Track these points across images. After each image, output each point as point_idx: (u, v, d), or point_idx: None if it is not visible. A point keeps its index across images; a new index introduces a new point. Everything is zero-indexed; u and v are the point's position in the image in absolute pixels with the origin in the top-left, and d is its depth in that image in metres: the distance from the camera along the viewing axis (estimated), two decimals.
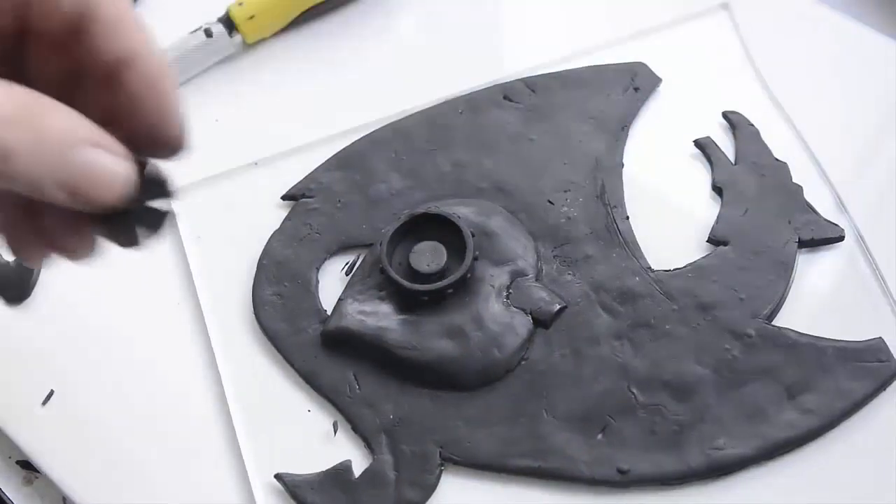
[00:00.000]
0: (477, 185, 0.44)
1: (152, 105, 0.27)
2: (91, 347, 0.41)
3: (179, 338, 0.41)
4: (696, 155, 0.45)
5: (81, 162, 0.25)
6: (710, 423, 0.37)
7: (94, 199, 0.26)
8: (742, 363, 0.38)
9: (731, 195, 0.43)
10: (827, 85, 0.47)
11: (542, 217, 0.43)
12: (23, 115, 0.24)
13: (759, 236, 0.41)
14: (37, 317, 0.42)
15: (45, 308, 0.43)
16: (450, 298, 0.39)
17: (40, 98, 0.25)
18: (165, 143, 0.28)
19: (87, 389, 0.40)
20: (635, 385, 0.38)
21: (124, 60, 0.27)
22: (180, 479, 0.38)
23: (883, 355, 0.38)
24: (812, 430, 0.36)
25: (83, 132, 0.26)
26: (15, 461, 0.40)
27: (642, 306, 0.40)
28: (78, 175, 0.25)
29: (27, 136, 0.24)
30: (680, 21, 0.50)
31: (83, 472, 0.38)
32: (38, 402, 0.40)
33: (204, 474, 0.38)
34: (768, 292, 0.40)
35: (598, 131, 0.46)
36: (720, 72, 0.48)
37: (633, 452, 0.36)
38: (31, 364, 0.41)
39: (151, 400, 0.40)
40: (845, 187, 0.43)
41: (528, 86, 0.48)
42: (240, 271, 0.42)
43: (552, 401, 0.38)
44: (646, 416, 0.37)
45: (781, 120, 0.46)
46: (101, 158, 0.26)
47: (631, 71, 0.48)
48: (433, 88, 0.48)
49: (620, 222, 0.42)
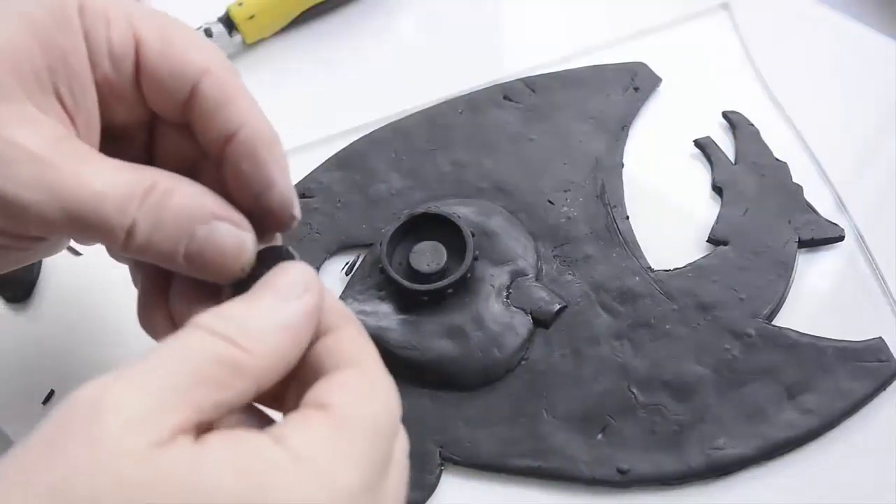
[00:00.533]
0: (477, 184, 0.44)
1: (254, 173, 0.28)
2: (92, 347, 0.41)
3: None
4: (696, 155, 0.45)
5: (203, 234, 0.27)
6: (710, 423, 0.37)
7: (215, 270, 0.27)
8: (742, 363, 0.38)
9: (731, 195, 0.43)
10: (827, 85, 0.47)
11: (542, 217, 0.43)
12: (147, 193, 0.26)
13: (759, 236, 0.41)
14: (37, 316, 0.42)
15: (46, 308, 0.43)
16: (450, 298, 0.39)
17: (167, 176, 0.27)
18: (272, 212, 0.29)
19: None
20: (635, 385, 0.38)
21: (229, 134, 0.28)
22: None
23: (883, 355, 0.38)
24: (812, 430, 0.36)
25: (206, 206, 0.27)
26: None
27: (642, 306, 0.40)
28: (200, 247, 0.27)
29: (151, 211, 0.26)
30: (680, 21, 0.50)
31: None
32: (38, 402, 0.40)
33: None
34: (768, 292, 0.40)
35: (598, 131, 0.46)
36: (720, 72, 0.48)
37: (632, 452, 0.36)
38: (32, 364, 0.41)
39: None
40: (845, 187, 0.43)
41: (528, 86, 0.48)
42: None
43: (552, 401, 0.38)
44: (646, 415, 0.37)
45: (781, 120, 0.46)
46: (222, 230, 0.27)
47: (631, 71, 0.48)
48: (433, 88, 0.48)
49: (620, 222, 0.42)
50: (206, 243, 0.27)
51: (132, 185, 0.26)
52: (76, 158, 0.26)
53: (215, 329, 0.23)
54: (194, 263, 0.27)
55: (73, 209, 0.26)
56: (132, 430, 0.21)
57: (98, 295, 0.43)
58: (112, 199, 0.26)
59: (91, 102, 0.29)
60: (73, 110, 0.28)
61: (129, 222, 0.26)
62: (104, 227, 0.26)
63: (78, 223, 0.26)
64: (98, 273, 0.43)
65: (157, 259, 0.27)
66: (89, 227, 0.26)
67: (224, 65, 0.29)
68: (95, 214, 0.26)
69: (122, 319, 0.42)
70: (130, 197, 0.26)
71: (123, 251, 0.27)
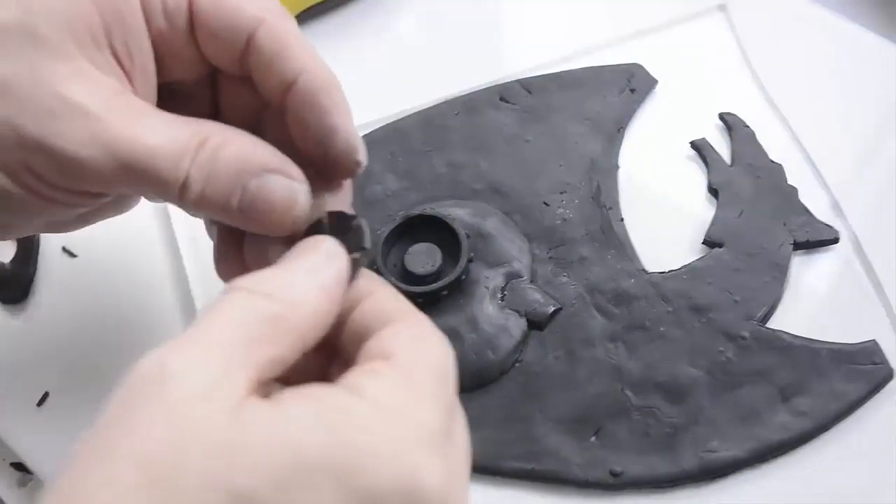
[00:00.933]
0: (472, 186, 0.44)
1: (315, 120, 0.28)
2: (87, 349, 0.41)
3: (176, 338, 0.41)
4: (692, 156, 0.45)
5: (255, 187, 0.27)
6: (704, 426, 0.37)
7: (268, 222, 0.27)
8: (736, 365, 0.38)
9: (726, 197, 0.43)
10: (823, 86, 0.47)
11: (537, 218, 0.43)
12: (200, 146, 0.26)
13: (754, 238, 0.41)
14: (33, 318, 0.42)
15: (42, 309, 0.43)
16: (444, 300, 0.39)
17: (220, 129, 0.27)
18: (336, 159, 0.29)
19: (82, 391, 0.40)
20: (629, 387, 0.38)
21: (289, 82, 0.28)
22: None
23: (877, 358, 0.38)
24: (805, 433, 0.36)
25: (257, 158, 0.27)
26: (9, 463, 0.40)
27: (637, 308, 0.40)
28: (252, 199, 0.27)
29: (203, 165, 0.26)
30: (676, 22, 0.50)
31: None
32: (33, 404, 0.40)
33: None
34: (763, 294, 0.40)
35: (594, 133, 0.46)
36: (716, 73, 0.48)
37: (626, 454, 0.36)
38: (27, 365, 0.41)
39: None
40: (841, 189, 0.43)
41: (525, 87, 0.48)
42: None
43: (546, 403, 0.38)
44: (639, 418, 0.37)
45: (777, 121, 0.46)
46: (273, 182, 0.27)
47: (627, 72, 0.48)
48: (430, 89, 0.48)
49: (616, 224, 0.42)
50: (258, 195, 0.27)
51: (185, 139, 0.26)
52: (130, 114, 0.27)
53: (256, 288, 0.24)
54: (247, 216, 0.27)
55: (127, 163, 0.26)
56: (206, 397, 0.21)
57: (94, 296, 0.43)
58: (164, 153, 0.26)
59: (147, 59, 0.29)
60: (129, 67, 0.28)
61: (183, 176, 0.26)
62: (158, 180, 0.26)
63: (132, 177, 0.26)
64: (94, 274, 0.43)
65: (213, 213, 0.28)
66: (143, 181, 0.26)
67: (279, 12, 0.29)
68: (148, 168, 0.26)
69: (119, 320, 0.42)
70: (183, 151, 0.26)
71: (181, 205, 0.27)
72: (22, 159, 0.26)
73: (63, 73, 0.26)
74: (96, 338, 0.41)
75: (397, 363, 0.24)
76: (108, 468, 0.20)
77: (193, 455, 0.20)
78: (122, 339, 0.41)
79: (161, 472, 0.20)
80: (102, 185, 0.27)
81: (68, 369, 0.41)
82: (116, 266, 0.43)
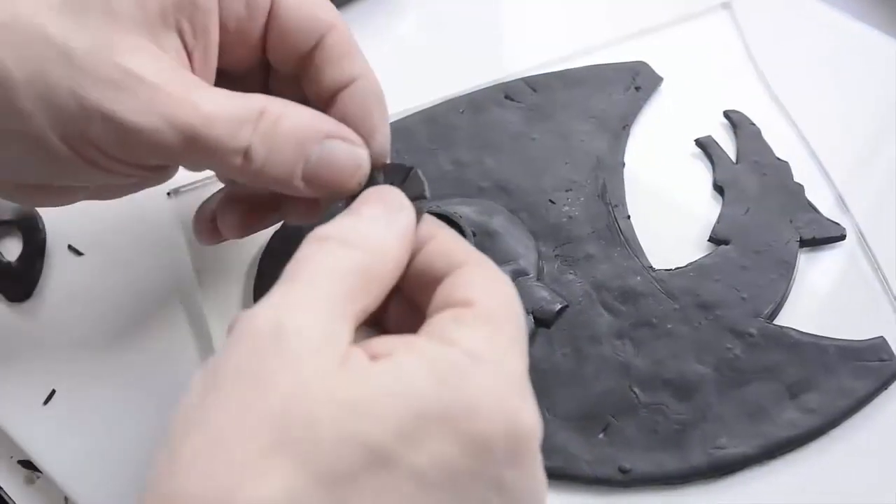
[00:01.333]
0: (478, 184, 0.44)
1: (361, 120, 0.30)
2: (93, 347, 0.41)
3: (181, 337, 0.41)
4: (698, 154, 0.45)
5: (318, 154, 0.28)
6: (712, 423, 0.36)
7: (334, 187, 0.29)
8: (744, 362, 0.38)
9: (732, 194, 0.43)
10: (828, 84, 0.47)
11: (543, 216, 0.43)
12: (260, 117, 0.28)
13: (760, 235, 0.41)
14: (39, 316, 0.42)
15: (48, 307, 0.43)
16: None
17: (277, 101, 0.28)
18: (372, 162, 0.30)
19: (88, 389, 0.40)
20: (637, 384, 0.38)
21: (344, 84, 0.30)
22: None
23: (885, 354, 0.38)
24: (814, 430, 0.36)
25: (319, 126, 0.29)
26: (17, 461, 0.40)
27: (644, 305, 0.40)
28: (316, 166, 0.28)
29: (266, 134, 0.27)
30: (681, 20, 0.50)
31: (85, 472, 0.38)
32: (39, 402, 0.40)
33: None
34: (770, 291, 0.40)
35: (599, 130, 0.46)
36: (722, 71, 0.48)
37: (634, 451, 0.36)
38: (33, 363, 0.41)
39: (152, 399, 0.40)
40: (847, 186, 0.43)
41: (530, 85, 0.48)
42: (241, 270, 0.42)
43: (554, 400, 0.38)
44: (647, 415, 0.37)
45: (783, 119, 0.46)
46: (337, 148, 0.29)
47: (632, 70, 0.48)
48: (434, 88, 0.48)
49: (622, 221, 0.42)
50: (322, 162, 0.28)
51: (245, 110, 0.27)
52: (189, 86, 0.27)
53: (346, 239, 0.25)
54: (312, 183, 0.28)
55: (188, 133, 0.27)
56: (321, 352, 0.22)
57: (99, 295, 0.43)
58: (224, 123, 0.27)
59: (212, 41, 0.30)
60: (192, 46, 0.29)
61: (245, 145, 0.27)
62: (218, 150, 0.27)
63: (193, 147, 0.27)
64: (100, 273, 0.43)
65: (273, 183, 0.28)
66: (204, 151, 0.27)
67: (342, 20, 0.31)
68: (209, 138, 0.27)
69: (125, 318, 0.42)
70: (243, 121, 0.27)
71: (240, 176, 0.28)
72: (84, 130, 0.27)
73: (125, 46, 0.27)
74: (102, 336, 0.41)
75: (480, 310, 0.25)
76: (241, 428, 0.20)
77: (323, 411, 0.21)
78: (129, 338, 0.41)
79: (295, 431, 0.20)
80: (162, 156, 0.28)
81: (75, 367, 0.41)
82: (122, 264, 0.43)
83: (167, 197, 0.44)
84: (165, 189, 0.44)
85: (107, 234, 0.44)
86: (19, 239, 0.44)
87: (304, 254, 0.25)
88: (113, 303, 0.42)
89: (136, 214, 0.44)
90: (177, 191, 0.44)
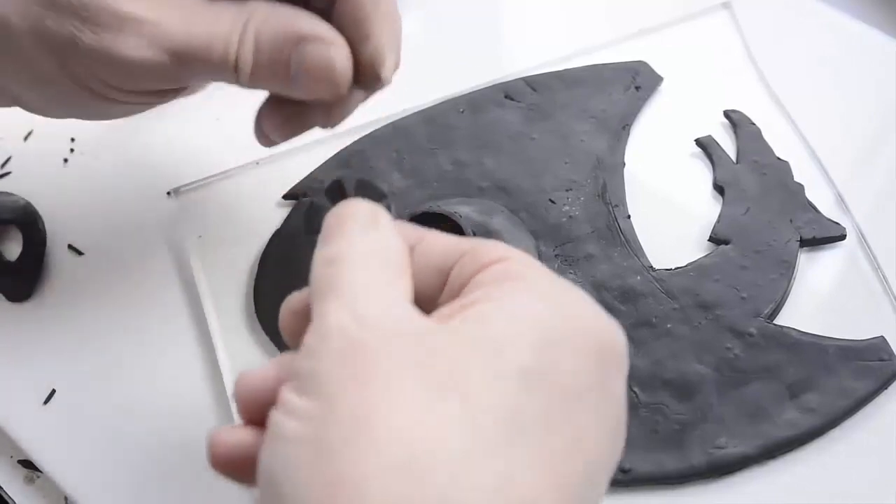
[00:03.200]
0: (478, 184, 0.44)
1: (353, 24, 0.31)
2: (93, 346, 0.41)
3: (181, 337, 0.41)
4: (698, 154, 0.45)
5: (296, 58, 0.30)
6: (712, 423, 0.36)
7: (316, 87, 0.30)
8: (744, 362, 0.38)
9: (732, 194, 0.43)
10: (828, 84, 0.47)
11: (543, 216, 0.43)
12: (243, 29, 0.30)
13: (760, 235, 0.41)
14: (39, 315, 0.42)
15: (48, 307, 0.43)
16: None
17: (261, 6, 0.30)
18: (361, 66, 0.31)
19: (88, 389, 0.40)
20: (637, 384, 0.38)
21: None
22: (182, 479, 0.38)
23: (885, 354, 0.38)
24: (814, 429, 0.36)
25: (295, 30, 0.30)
26: (17, 460, 0.40)
27: (644, 305, 0.40)
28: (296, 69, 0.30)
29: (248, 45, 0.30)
30: (681, 20, 0.50)
31: (84, 472, 0.38)
32: (39, 401, 0.40)
33: (207, 473, 0.38)
34: (770, 291, 0.40)
35: (599, 130, 0.46)
36: (722, 70, 0.48)
37: (634, 451, 0.36)
38: (33, 363, 0.41)
39: (153, 398, 0.40)
40: (847, 186, 0.43)
41: (530, 85, 0.48)
42: (241, 270, 0.42)
43: None
44: (647, 415, 0.37)
45: (783, 119, 0.46)
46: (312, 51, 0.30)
47: (632, 70, 0.48)
48: (434, 88, 0.48)
49: (622, 221, 0.42)
50: (299, 66, 0.30)
51: (230, 25, 0.30)
52: (180, 12, 0.30)
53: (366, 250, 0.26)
54: (300, 86, 0.30)
55: (184, 59, 0.30)
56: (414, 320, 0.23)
57: (100, 294, 0.43)
58: (215, 43, 0.30)
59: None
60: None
61: (233, 59, 0.30)
62: (213, 68, 0.30)
63: (191, 70, 0.30)
64: (101, 272, 0.43)
65: (270, 86, 0.31)
66: (201, 72, 0.30)
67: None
68: (203, 60, 0.30)
69: (125, 318, 0.42)
70: (229, 36, 0.30)
71: (241, 85, 0.31)
72: (89, 68, 0.30)
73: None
74: (102, 335, 0.41)
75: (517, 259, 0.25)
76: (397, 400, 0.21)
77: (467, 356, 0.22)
78: (129, 337, 0.41)
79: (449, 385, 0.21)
80: (166, 82, 0.31)
81: (74, 367, 0.41)
82: (123, 264, 0.43)
83: (167, 197, 0.44)
84: (165, 189, 0.44)
85: (107, 234, 0.44)
86: (19, 239, 0.43)
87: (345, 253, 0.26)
88: (113, 302, 0.42)
89: (136, 214, 0.44)
90: (177, 190, 0.44)
